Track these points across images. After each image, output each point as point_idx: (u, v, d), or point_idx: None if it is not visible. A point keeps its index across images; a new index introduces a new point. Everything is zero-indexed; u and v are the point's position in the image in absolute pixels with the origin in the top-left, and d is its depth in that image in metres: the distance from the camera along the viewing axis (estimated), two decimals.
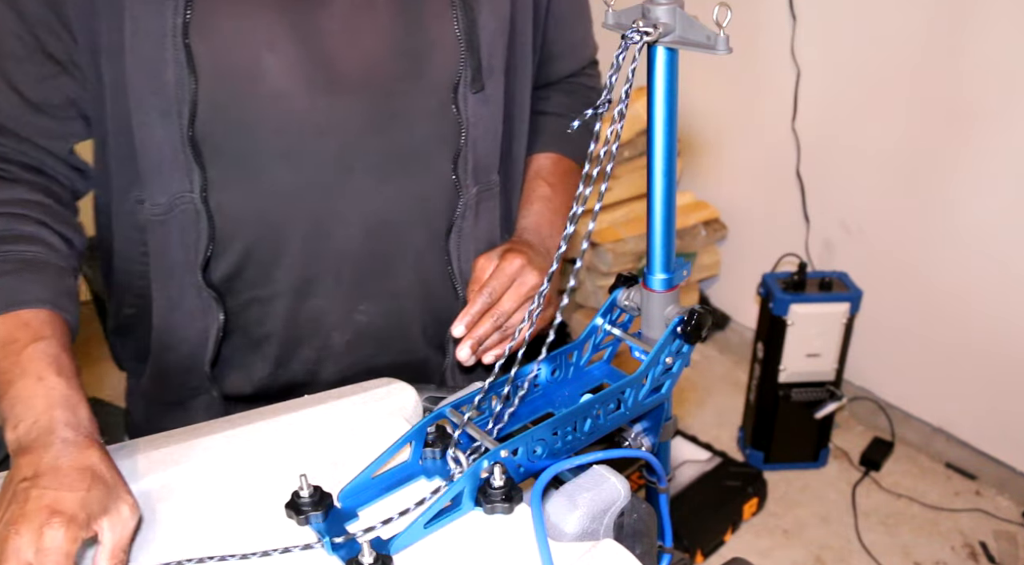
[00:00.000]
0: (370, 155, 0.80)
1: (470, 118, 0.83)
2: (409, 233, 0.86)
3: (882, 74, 1.94)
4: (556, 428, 0.65)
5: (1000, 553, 1.85)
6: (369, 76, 0.78)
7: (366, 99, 0.78)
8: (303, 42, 0.75)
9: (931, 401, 2.11)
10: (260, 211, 0.80)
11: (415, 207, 0.85)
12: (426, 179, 0.84)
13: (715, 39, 0.55)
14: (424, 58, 0.80)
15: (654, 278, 0.69)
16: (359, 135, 0.79)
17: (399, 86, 0.79)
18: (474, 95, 0.82)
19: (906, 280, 2.04)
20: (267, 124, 0.77)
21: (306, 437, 0.74)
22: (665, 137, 0.64)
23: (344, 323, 0.87)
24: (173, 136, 0.74)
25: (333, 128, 0.78)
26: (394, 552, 0.60)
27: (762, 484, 1.96)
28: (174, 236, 0.79)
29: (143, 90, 0.73)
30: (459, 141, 0.83)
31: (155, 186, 0.77)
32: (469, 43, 0.80)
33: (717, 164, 2.42)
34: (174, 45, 0.72)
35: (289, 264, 0.83)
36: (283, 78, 0.75)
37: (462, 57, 0.80)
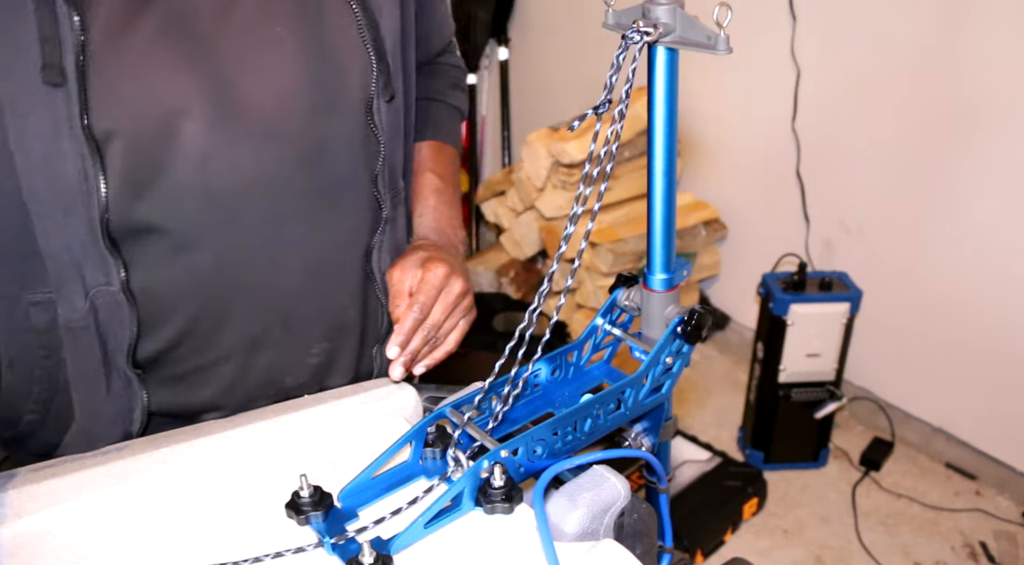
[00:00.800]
0: (300, 196, 0.77)
1: (385, 129, 0.80)
2: (346, 262, 0.84)
3: (882, 74, 1.94)
4: (556, 428, 0.65)
5: (1000, 553, 1.85)
6: (288, 115, 0.74)
7: (288, 140, 0.75)
8: (216, 98, 0.70)
9: (931, 401, 2.11)
10: (194, 284, 0.76)
11: (348, 235, 0.83)
12: (353, 203, 0.82)
13: (715, 39, 0.55)
14: (339, 81, 0.77)
15: (654, 278, 0.69)
16: (287, 179, 0.76)
17: (319, 117, 0.76)
18: (387, 104, 0.80)
19: (906, 280, 2.04)
20: (190, 192, 0.72)
21: (306, 437, 0.74)
22: (665, 137, 0.64)
23: (297, 368, 0.85)
24: (81, 232, 0.68)
25: (260, 178, 0.74)
26: (394, 552, 0.60)
27: (762, 484, 1.96)
28: (95, 336, 0.73)
29: (40, 190, 0.67)
30: (378, 157, 0.81)
31: (70, 287, 0.70)
32: (378, 53, 0.78)
33: (717, 164, 2.42)
34: (72, 137, 0.65)
35: (233, 326, 0.79)
36: (202, 140, 0.70)
37: (374, 70, 0.78)
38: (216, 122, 0.71)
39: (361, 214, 0.83)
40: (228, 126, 0.71)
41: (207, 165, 0.71)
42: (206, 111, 0.70)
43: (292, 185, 0.77)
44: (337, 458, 0.71)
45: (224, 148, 0.72)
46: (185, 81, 0.70)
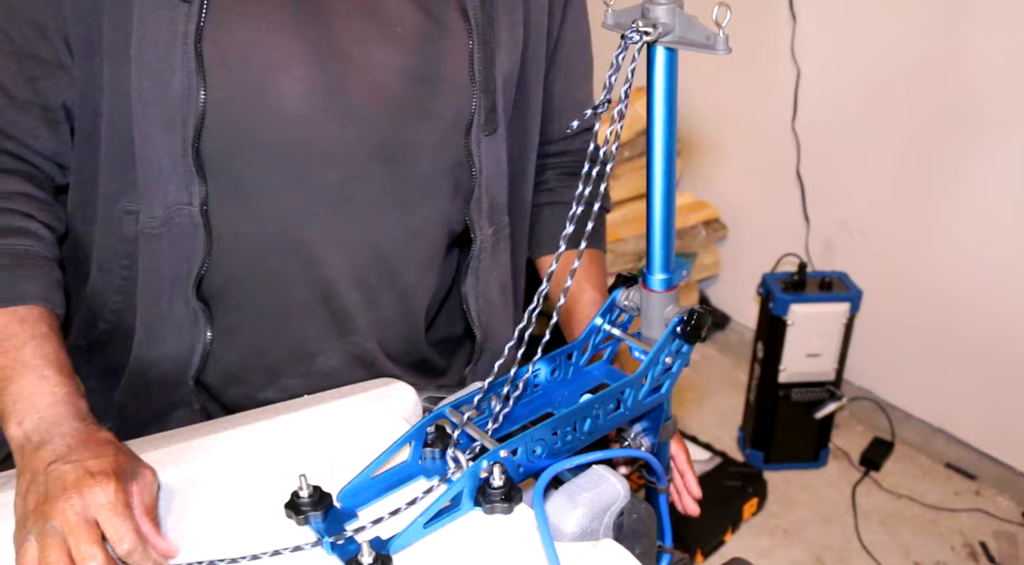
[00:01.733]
0: (372, 186, 0.79)
1: (483, 159, 0.82)
2: (399, 267, 0.84)
3: (882, 74, 1.94)
4: (556, 428, 0.65)
5: (1000, 553, 1.85)
6: (379, 106, 0.77)
7: (374, 129, 0.77)
8: (319, 66, 0.73)
9: (931, 401, 2.10)
10: (256, 231, 0.78)
11: (410, 241, 0.84)
12: (427, 213, 0.83)
13: (715, 39, 0.55)
14: (435, 94, 0.79)
15: (654, 278, 0.69)
16: (363, 165, 0.78)
17: (407, 119, 0.78)
18: (486, 137, 0.81)
19: (906, 280, 2.04)
20: (274, 146, 0.75)
21: (306, 437, 0.74)
22: (665, 137, 0.64)
23: (328, 350, 0.85)
24: (175, 147, 0.72)
25: (338, 156, 0.77)
26: (394, 552, 0.60)
27: (762, 484, 1.96)
28: (167, 250, 0.76)
29: (147, 98, 0.71)
30: (471, 182, 0.83)
31: (153, 197, 0.74)
32: (484, 84, 0.79)
33: (717, 164, 2.42)
34: (184, 52, 0.69)
35: (279, 287, 0.81)
36: (295, 101, 0.73)
37: (475, 98, 0.79)
38: (312, 88, 0.74)
39: (432, 231, 0.85)
40: (323, 97, 0.74)
41: (294, 125, 0.74)
42: (305, 76, 0.73)
43: (366, 173, 0.78)
44: (336, 458, 0.71)
45: (314, 115, 0.74)
46: (294, 40, 0.73)
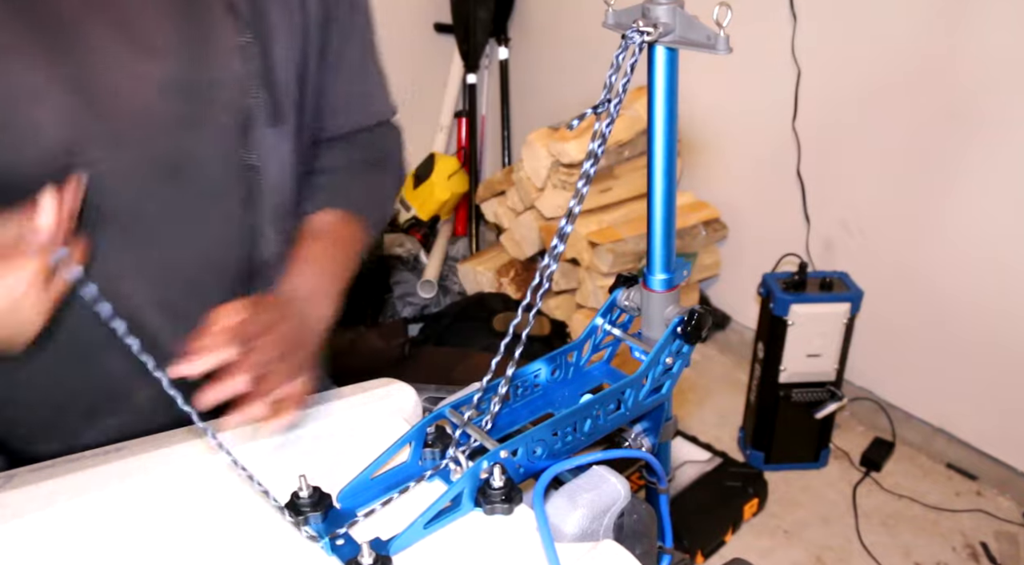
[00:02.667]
0: (161, 206, 0.74)
1: (264, 156, 0.78)
2: (208, 282, 0.80)
3: (883, 73, 1.94)
4: (556, 429, 0.65)
5: (1001, 554, 1.85)
6: (147, 125, 0.71)
7: (147, 150, 0.72)
8: (74, 94, 0.67)
9: (932, 401, 2.10)
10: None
11: (215, 254, 0.79)
12: (220, 227, 0.79)
13: (715, 39, 0.55)
14: (207, 100, 0.74)
15: (654, 278, 0.69)
16: (147, 187, 0.73)
17: (181, 133, 0.73)
18: (271, 130, 0.77)
19: (907, 280, 2.04)
20: (41, 180, 0.65)
21: (305, 437, 0.74)
22: (665, 137, 0.63)
23: (147, 383, 0.76)
24: None
25: (117, 183, 0.71)
26: (393, 553, 0.60)
27: (762, 484, 1.96)
28: None
29: None
30: (253, 185, 0.78)
31: None
32: (264, 78, 0.75)
33: (717, 164, 2.42)
34: None
35: (79, 326, 0.74)
36: (55, 133, 0.67)
37: (255, 96, 0.75)
38: (73, 118, 0.68)
39: (230, 240, 0.80)
40: (84, 124, 0.68)
41: (62, 160, 0.68)
42: (61, 104, 0.67)
43: (151, 195, 0.73)
44: (336, 458, 0.71)
45: (77, 145, 0.68)
46: (41, 69, 0.66)
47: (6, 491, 0.65)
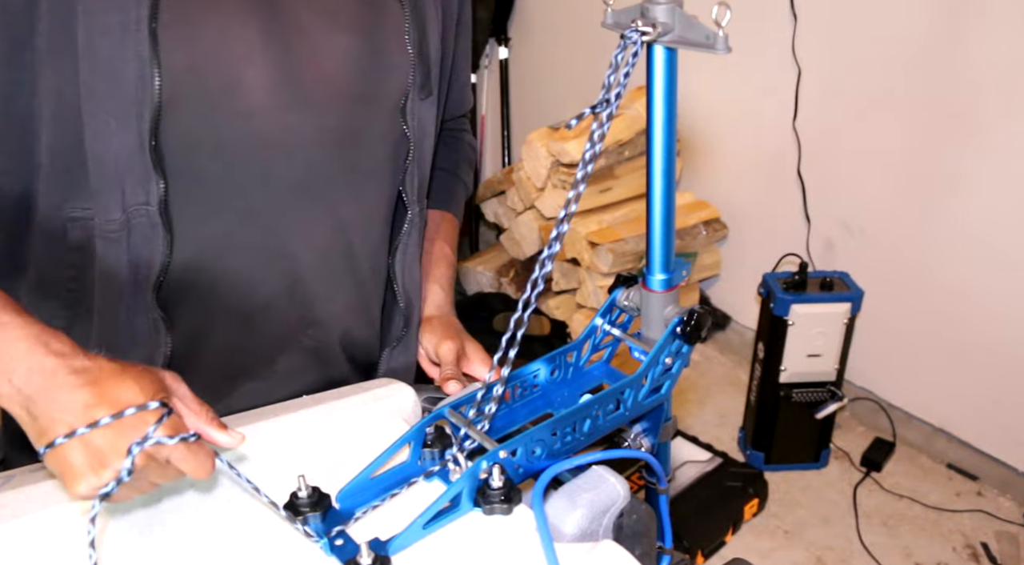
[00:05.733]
0: (330, 175, 0.79)
1: (416, 131, 0.83)
2: (358, 254, 0.85)
3: (883, 73, 1.94)
4: (555, 429, 0.65)
5: (1002, 554, 1.85)
6: (334, 96, 0.77)
7: (328, 118, 0.77)
8: (277, 59, 0.73)
9: (932, 401, 2.10)
10: (219, 229, 0.76)
11: (365, 227, 0.84)
12: (375, 198, 0.84)
13: (714, 38, 0.55)
14: (381, 78, 0.79)
15: (653, 278, 0.69)
16: (322, 156, 0.78)
17: (357, 106, 0.79)
18: (421, 102, 0.82)
19: (907, 280, 2.04)
20: (235, 140, 0.73)
21: (305, 438, 0.74)
22: (664, 137, 0.63)
23: (290, 347, 0.84)
24: (132, 142, 0.68)
25: (298, 149, 0.76)
26: (392, 553, 0.60)
27: (763, 485, 1.95)
28: (125, 254, 0.72)
29: (99, 91, 0.67)
30: (407, 158, 0.84)
31: (109, 198, 0.70)
32: (419, 54, 0.80)
33: (717, 164, 2.42)
34: (136, 38, 0.66)
35: (244, 286, 0.79)
36: (259, 96, 0.72)
37: (412, 70, 0.80)
38: (275, 81, 0.73)
39: (380, 211, 0.85)
40: (284, 89, 0.73)
41: (255, 118, 0.73)
42: (268, 67, 0.72)
43: (325, 162, 0.78)
44: (336, 459, 0.71)
45: (276, 108, 0.74)
46: (252, 31, 0.71)
47: (6, 491, 0.65)
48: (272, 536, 0.63)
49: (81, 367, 0.57)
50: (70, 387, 0.56)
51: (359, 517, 0.64)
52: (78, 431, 0.55)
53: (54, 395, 0.56)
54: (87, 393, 0.56)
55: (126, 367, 0.59)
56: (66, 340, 0.59)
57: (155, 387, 0.58)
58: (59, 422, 0.56)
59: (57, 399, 0.56)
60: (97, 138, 0.68)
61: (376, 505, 0.65)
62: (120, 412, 0.56)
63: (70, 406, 0.56)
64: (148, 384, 0.58)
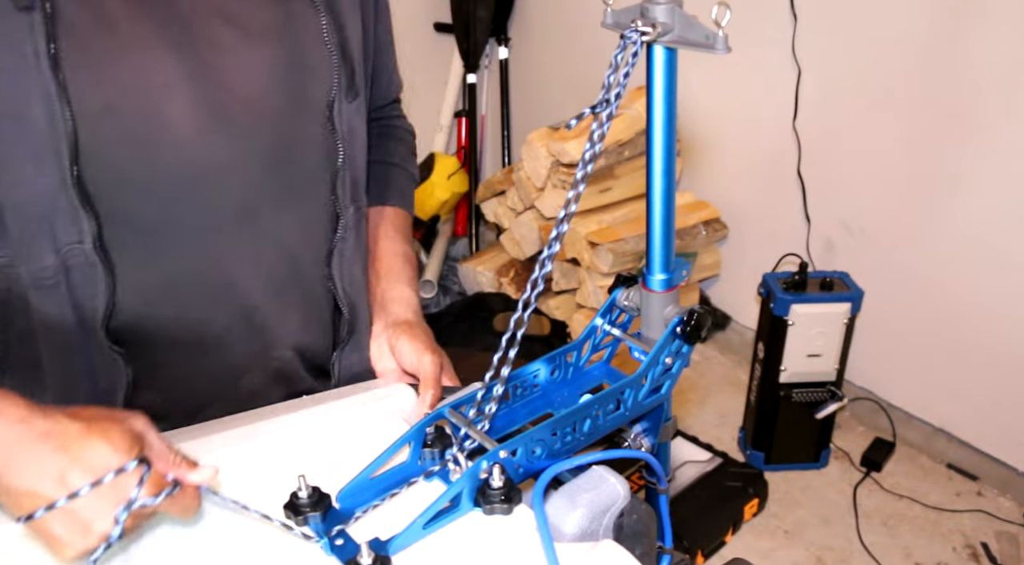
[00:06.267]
0: (268, 195, 0.77)
1: (346, 134, 0.81)
2: (303, 267, 0.83)
3: (883, 73, 1.94)
4: (555, 429, 0.65)
5: (1002, 554, 1.85)
6: (258, 113, 0.74)
7: (259, 137, 0.75)
8: (196, 83, 0.70)
9: (933, 401, 2.10)
10: (161, 263, 0.74)
11: (306, 240, 0.83)
12: (313, 209, 0.82)
13: (714, 38, 0.55)
14: (305, 84, 0.78)
15: (653, 278, 0.69)
16: (257, 176, 0.76)
17: (286, 116, 0.77)
18: (349, 105, 0.80)
19: (908, 280, 2.04)
20: (165, 173, 0.71)
21: (305, 438, 0.74)
22: (664, 136, 0.63)
23: (252, 369, 0.84)
24: (53, 182, 0.65)
25: (231, 173, 0.74)
26: (392, 553, 0.60)
27: (763, 485, 1.95)
28: (67, 298, 0.70)
29: (8, 136, 0.64)
30: (337, 161, 0.82)
31: (38, 246, 0.67)
32: (341, 53, 0.78)
33: (717, 164, 2.42)
34: (37, 76, 0.62)
35: (196, 315, 0.78)
36: (181, 125, 0.70)
37: (336, 72, 0.78)
38: (197, 108, 0.70)
39: (321, 217, 0.83)
40: (208, 114, 0.71)
41: (183, 145, 0.70)
42: (188, 94, 0.70)
43: (262, 179, 0.76)
44: (336, 459, 0.71)
45: (203, 136, 0.71)
46: (166, 56, 0.68)
47: None
48: (273, 535, 0.63)
49: (46, 431, 0.54)
50: (39, 456, 0.53)
51: (359, 517, 0.64)
52: (57, 503, 0.52)
53: (23, 467, 0.53)
54: (58, 460, 0.53)
55: (91, 422, 0.55)
56: (20, 401, 0.55)
57: (127, 441, 0.55)
58: (34, 495, 0.53)
59: (27, 470, 0.53)
60: (12, 182, 0.65)
61: (376, 505, 0.65)
62: (99, 479, 0.53)
63: (43, 477, 0.53)
64: (119, 440, 0.55)
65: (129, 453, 0.55)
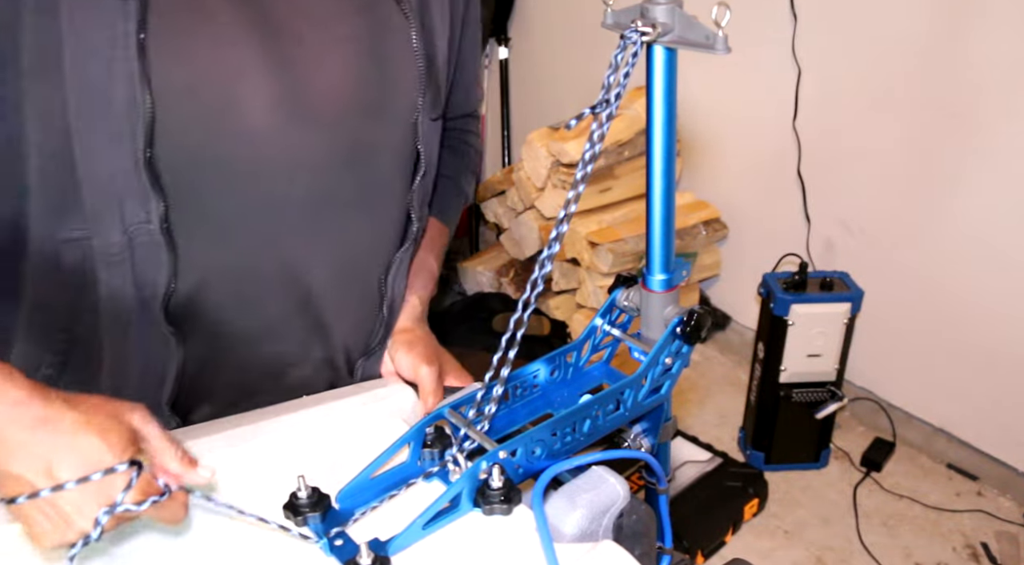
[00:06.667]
0: (339, 192, 0.78)
1: (427, 148, 0.82)
2: (366, 270, 0.84)
3: (883, 73, 1.93)
4: (555, 429, 0.65)
5: (1002, 554, 1.85)
6: (338, 111, 0.75)
7: (335, 135, 0.75)
8: (275, 75, 0.71)
9: (932, 401, 2.10)
10: (225, 251, 0.75)
11: (374, 244, 0.84)
12: (385, 214, 0.83)
13: (714, 38, 0.55)
14: (388, 90, 0.78)
15: (653, 278, 0.69)
16: (329, 172, 0.76)
17: (365, 120, 0.77)
18: (432, 123, 0.81)
19: (907, 280, 2.04)
20: (236, 160, 0.71)
21: (305, 438, 0.74)
22: (664, 137, 0.63)
23: (301, 361, 0.85)
24: (126, 160, 0.66)
25: (304, 166, 0.75)
26: (392, 553, 0.60)
27: (763, 485, 1.95)
28: (130, 275, 0.70)
29: (87, 110, 0.65)
30: (416, 173, 0.82)
31: (108, 220, 0.68)
32: (428, 70, 0.79)
33: (717, 164, 2.42)
34: (124, 56, 0.63)
35: (258, 306, 0.79)
36: (258, 116, 0.70)
37: (421, 85, 0.79)
38: (275, 99, 0.71)
39: (390, 225, 0.84)
40: (286, 107, 0.71)
41: (256, 137, 0.71)
42: (266, 84, 0.70)
43: (335, 181, 0.77)
44: (335, 459, 0.71)
45: (279, 128, 0.72)
46: (250, 48, 0.69)
47: None
48: (272, 535, 0.63)
49: (42, 417, 0.53)
50: (31, 442, 0.52)
51: (359, 517, 0.64)
52: (41, 493, 0.52)
53: (13, 450, 0.52)
54: (49, 449, 0.52)
55: (91, 414, 0.54)
56: (23, 382, 0.54)
57: (123, 441, 0.54)
58: (20, 480, 0.52)
59: (16, 454, 0.52)
60: (90, 158, 0.66)
61: (376, 505, 0.65)
62: (86, 476, 0.52)
63: (31, 463, 0.52)
64: (115, 438, 0.54)
65: (123, 453, 0.54)
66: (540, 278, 0.61)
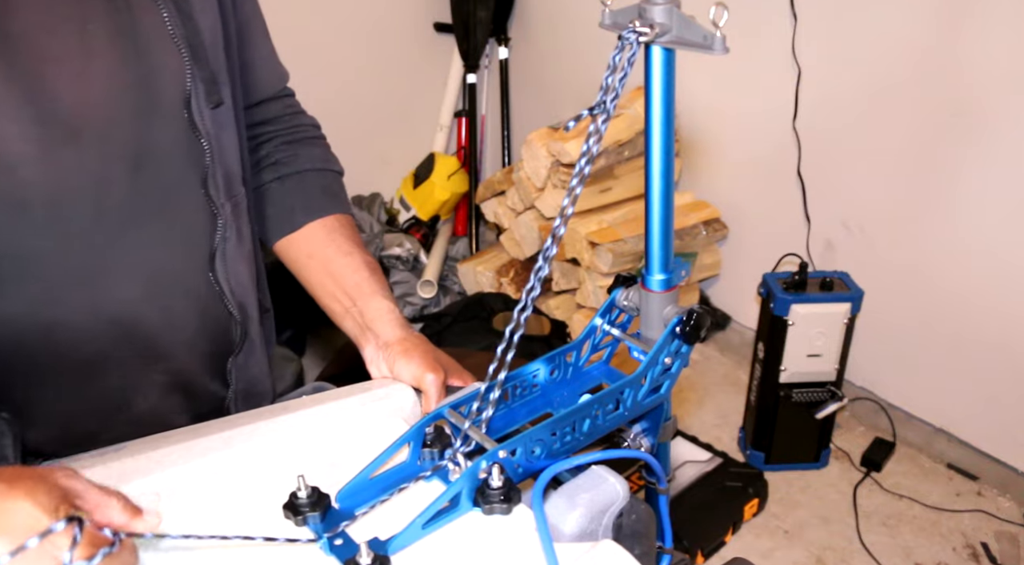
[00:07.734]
0: (130, 203, 0.74)
1: (211, 132, 0.78)
2: (185, 271, 0.80)
3: (884, 73, 1.94)
4: (555, 428, 0.65)
5: (1002, 554, 1.85)
6: (103, 120, 0.70)
7: (111, 145, 0.71)
8: (27, 97, 0.65)
9: (933, 401, 2.10)
10: (25, 288, 0.70)
11: (182, 242, 0.80)
12: (186, 211, 0.79)
13: (712, 39, 0.55)
14: (153, 86, 0.74)
15: (652, 278, 0.69)
16: (115, 183, 0.72)
17: (135, 123, 0.73)
18: (211, 110, 0.77)
19: (908, 280, 2.04)
20: (10, 197, 0.66)
21: (305, 438, 0.74)
22: (663, 137, 0.63)
23: (143, 388, 0.81)
24: None
25: (83, 186, 0.70)
26: (392, 553, 0.60)
27: (763, 485, 1.95)
28: None
29: None
30: (204, 160, 0.78)
31: None
32: (194, 56, 0.75)
33: (717, 164, 2.42)
34: None
35: (69, 342, 0.74)
36: (13, 143, 0.65)
37: (189, 72, 0.75)
38: (31, 123, 0.66)
39: (197, 219, 0.80)
40: (45, 128, 0.67)
41: (21, 169, 0.66)
42: (16, 110, 0.65)
43: (120, 191, 0.73)
44: (335, 459, 0.71)
45: (42, 151, 0.67)
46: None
47: None
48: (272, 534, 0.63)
49: None
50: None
51: (358, 517, 0.64)
52: None
53: None
54: None
55: (13, 482, 0.49)
56: None
57: (53, 499, 0.49)
58: None
59: None
60: None
61: (375, 505, 0.65)
62: (22, 545, 0.47)
63: None
64: (44, 498, 0.49)
65: (56, 512, 0.49)
66: (537, 281, 0.61)
